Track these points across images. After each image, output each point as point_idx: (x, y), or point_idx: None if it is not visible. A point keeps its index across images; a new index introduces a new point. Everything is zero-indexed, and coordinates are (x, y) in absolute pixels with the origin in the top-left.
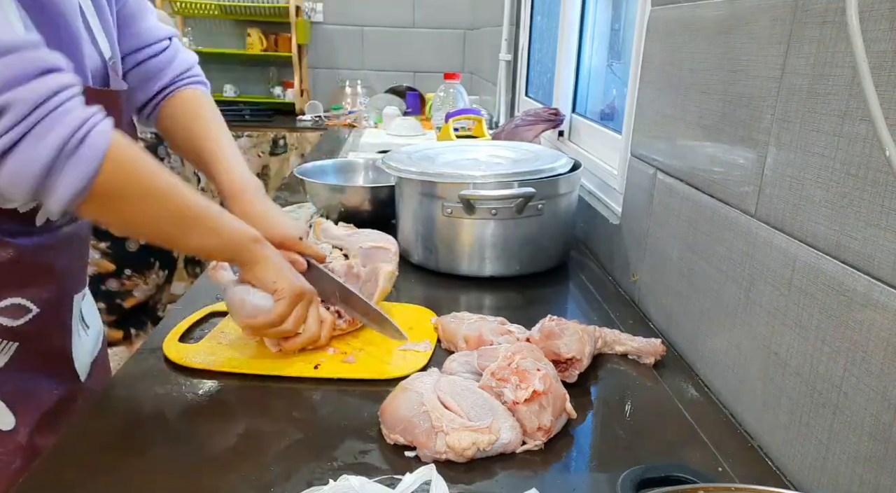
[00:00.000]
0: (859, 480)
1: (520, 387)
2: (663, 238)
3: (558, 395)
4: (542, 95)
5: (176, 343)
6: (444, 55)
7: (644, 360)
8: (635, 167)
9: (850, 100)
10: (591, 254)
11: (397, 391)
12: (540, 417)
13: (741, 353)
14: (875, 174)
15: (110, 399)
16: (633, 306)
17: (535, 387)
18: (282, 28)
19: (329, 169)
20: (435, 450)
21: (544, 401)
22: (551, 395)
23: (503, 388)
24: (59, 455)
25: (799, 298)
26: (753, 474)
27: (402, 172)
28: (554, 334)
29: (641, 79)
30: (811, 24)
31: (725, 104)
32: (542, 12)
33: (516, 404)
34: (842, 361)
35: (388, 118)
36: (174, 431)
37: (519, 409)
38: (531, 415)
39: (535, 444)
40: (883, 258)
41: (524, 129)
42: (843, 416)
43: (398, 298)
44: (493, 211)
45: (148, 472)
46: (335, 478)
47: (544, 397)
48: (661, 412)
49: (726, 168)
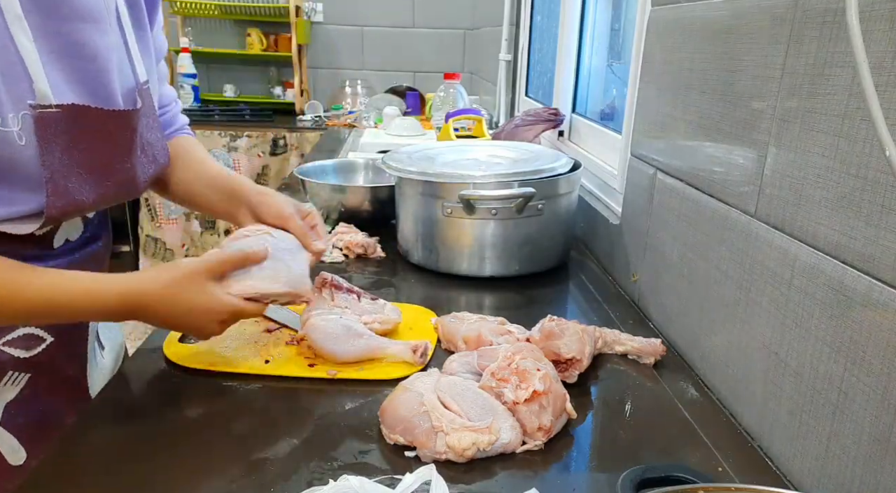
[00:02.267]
0: (859, 480)
1: (520, 387)
2: (663, 238)
3: (558, 395)
4: (542, 95)
5: (176, 343)
6: (444, 55)
7: (644, 360)
8: (635, 167)
9: (850, 100)
10: (591, 254)
11: (397, 391)
12: (540, 417)
13: (741, 353)
14: (875, 174)
15: (109, 399)
16: (633, 306)
17: (536, 387)
18: (282, 28)
19: (329, 169)
20: (435, 450)
21: (544, 401)
22: (551, 395)
23: (503, 388)
24: (59, 456)
25: (799, 298)
26: (753, 474)
27: (402, 172)
28: (554, 334)
29: (641, 79)
30: (811, 24)
31: (725, 104)
32: (542, 12)
33: (516, 405)
34: (842, 361)
35: (388, 118)
36: (173, 431)
37: (519, 409)
38: (531, 415)
39: (535, 444)
40: (883, 258)
41: (524, 129)
42: (843, 416)
43: (398, 298)
44: (492, 211)
45: (147, 472)
46: (335, 478)
47: (544, 397)
48: (661, 411)
49: (726, 168)
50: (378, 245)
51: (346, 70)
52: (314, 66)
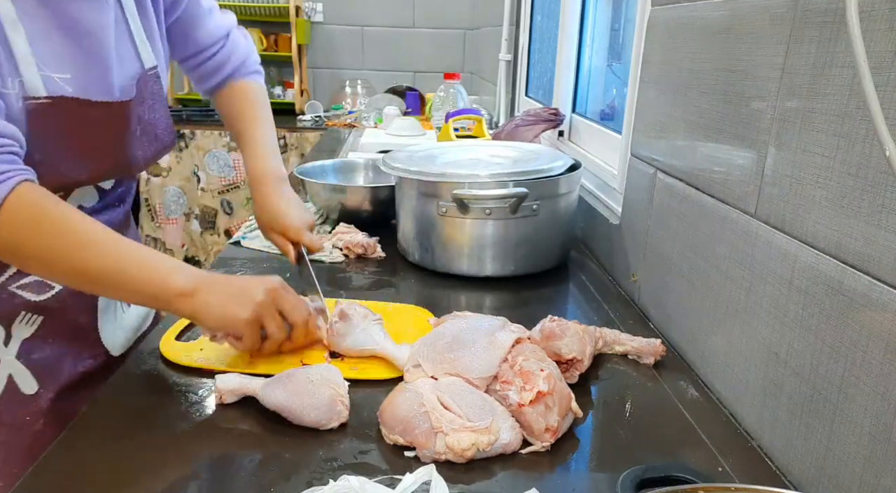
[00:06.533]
0: (859, 480)
1: (524, 389)
2: (663, 238)
3: (563, 394)
4: (542, 95)
5: (173, 342)
6: (444, 55)
7: (644, 360)
8: (635, 167)
9: (850, 100)
10: (591, 254)
11: (396, 392)
12: (546, 418)
13: (741, 353)
14: (875, 174)
15: (109, 399)
16: (633, 306)
17: (540, 388)
18: (282, 28)
19: (329, 169)
20: (434, 451)
21: (549, 401)
22: (556, 395)
23: (508, 391)
24: (58, 452)
25: (799, 298)
26: (753, 474)
27: (400, 172)
28: (555, 334)
29: (641, 79)
30: (811, 24)
31: (725, 104)
32: (542, 12)
33: (522, 407)
34: (842, 361)
35: (388, 118)
36: (172, 431)
37: (525, 411)
38: (537, 416)
39: (542, 445)
40: (883, 258)
41: (524, 129)
42: (843, 416)
43: (397, 298)
44: (487, 211)
45: (147, 473)
46: (335, 478)
47: (549, 397)
48: (661, 411)
49: (726, 168)
50: (378, 245)
51: (346, 70)
52: (314, 66)
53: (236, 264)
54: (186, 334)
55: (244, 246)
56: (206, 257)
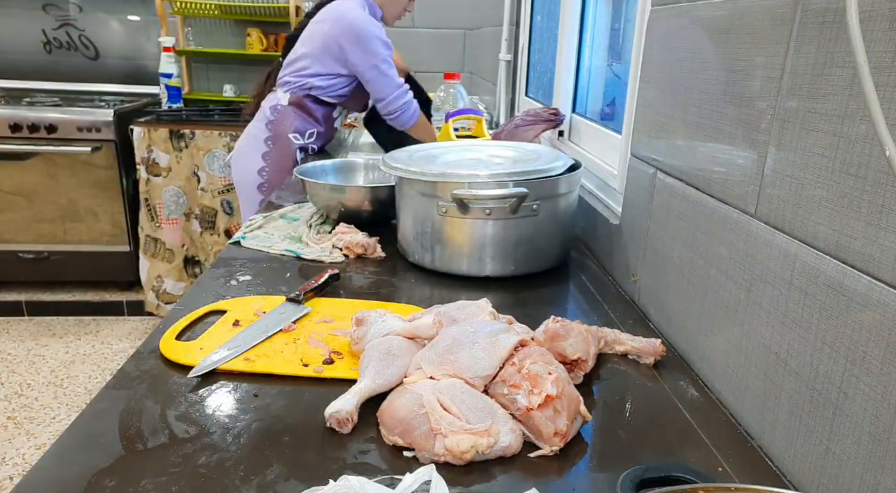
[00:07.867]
0: (859, 480)
1: (532, 392)
2: (663, 238)
3: (572, 398)
4: (542, 95)
5: (173, 342)
6: (444, 55)
7: (644, 360)
8: (635, 167)
9: (850, 100)
10: (591, 254)
11: (396, 393)
12: (556, 421)
13: (741, 353)
14: (875, 174)
15: (108, 399)
16: (633, 306)
17: (548, 391)
18: (282, 28)
19: (329, 169)
20: (433, 452)
21: (558, 405)
22: (565, 399)
23: (516, 394)
24: (58, 455)
25: (799, 298)
26: (753, 474)
27: (400, 172)
28: (559, 335)
29: (641, 79)
30: (811, 24)
31: (725, 104)
32: (542, 12)
33: (530, 411)
34: (842, 361)
35: None
36: (172, 431)
37: (533, 415)
38: (546, 420)
39: (551, 449)
40: (883, 258)
41: (524, 129)
42: (843, 416)
43: (397, 298)
44: (487, 211)
45: (147, 472)
46: (335, 478)
47: (558, 400)
48: (661, 411)
49: (726, 168)
50: (378, 245)
51: None
52: None
53: (236, 264)
54: (186, 334)
55: (244, 246)
56: (206, 257)
